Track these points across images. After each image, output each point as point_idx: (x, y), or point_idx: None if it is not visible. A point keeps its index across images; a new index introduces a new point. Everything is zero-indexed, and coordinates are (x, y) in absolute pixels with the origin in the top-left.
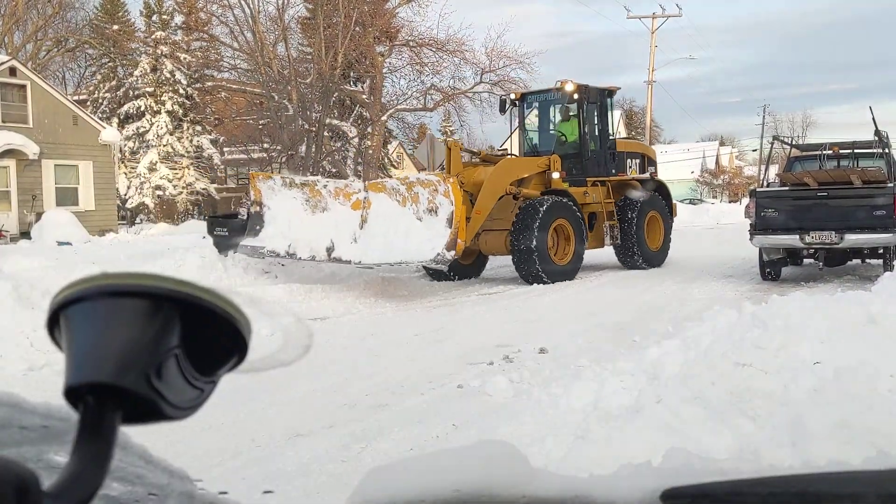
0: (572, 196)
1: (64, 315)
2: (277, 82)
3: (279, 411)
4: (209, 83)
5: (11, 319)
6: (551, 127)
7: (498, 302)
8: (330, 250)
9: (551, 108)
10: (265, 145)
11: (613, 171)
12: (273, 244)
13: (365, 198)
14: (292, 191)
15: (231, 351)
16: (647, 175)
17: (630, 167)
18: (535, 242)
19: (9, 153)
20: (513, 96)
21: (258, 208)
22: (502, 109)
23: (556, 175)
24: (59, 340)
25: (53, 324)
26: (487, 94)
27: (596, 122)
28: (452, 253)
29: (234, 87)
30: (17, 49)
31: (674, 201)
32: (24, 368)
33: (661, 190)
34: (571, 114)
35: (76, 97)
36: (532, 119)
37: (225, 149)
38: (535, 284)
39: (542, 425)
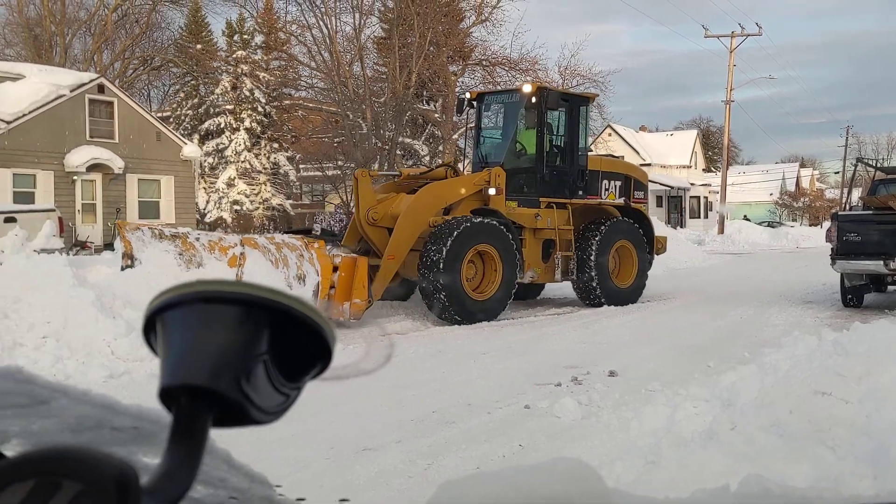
0: (502, 216)
1: (160, 319)
2: (353, 101)
3: (348, 424)
4: (287, 101)
5: (94, 328)
6: (508, 135)
7: (567, 322)
8: None
9: (512, 113)
10: (339, 162)
11: (581, 192)
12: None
13: (241, 253)
14: (163, 243)
15: (315, 358)
16: (621, 201)
17: (608, 189)
18: (442, 277)
19: (96, 167)
20: (468, 95)
21: (129, 262)
22: (459, 111)
23: (492, 191)
24: (154, 344)
25: (149, 328)
26: None
27: (562, 132)
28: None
29: (311, 105)
30: (106, 67)
31: (659, 235)
32: (105, 376)
33: (641, 220)
34: (531, 122)
35: (160, 114)
36: (490, 125)
37: (301, 166)
38: (453, 325)
39: (611, 449)
